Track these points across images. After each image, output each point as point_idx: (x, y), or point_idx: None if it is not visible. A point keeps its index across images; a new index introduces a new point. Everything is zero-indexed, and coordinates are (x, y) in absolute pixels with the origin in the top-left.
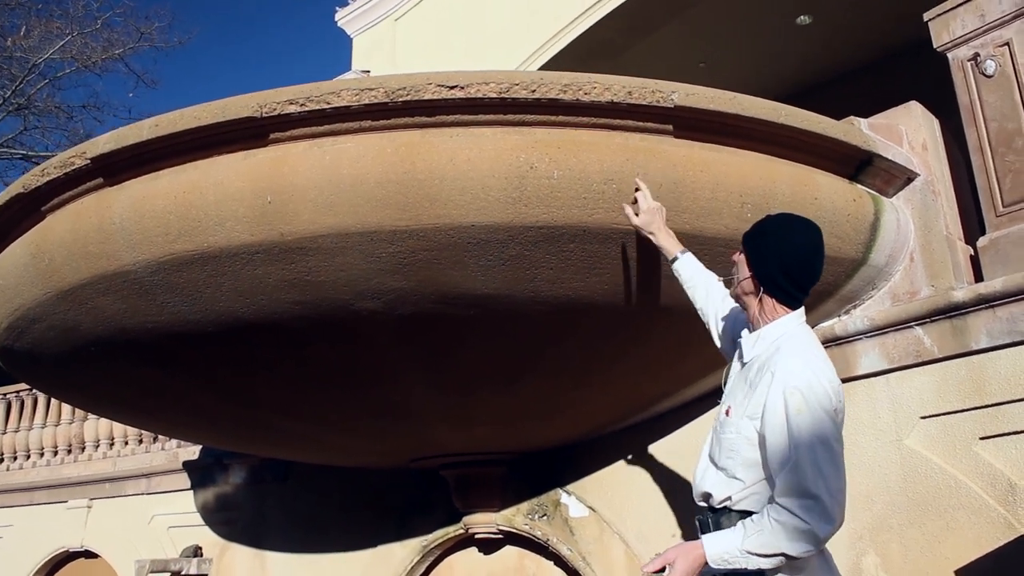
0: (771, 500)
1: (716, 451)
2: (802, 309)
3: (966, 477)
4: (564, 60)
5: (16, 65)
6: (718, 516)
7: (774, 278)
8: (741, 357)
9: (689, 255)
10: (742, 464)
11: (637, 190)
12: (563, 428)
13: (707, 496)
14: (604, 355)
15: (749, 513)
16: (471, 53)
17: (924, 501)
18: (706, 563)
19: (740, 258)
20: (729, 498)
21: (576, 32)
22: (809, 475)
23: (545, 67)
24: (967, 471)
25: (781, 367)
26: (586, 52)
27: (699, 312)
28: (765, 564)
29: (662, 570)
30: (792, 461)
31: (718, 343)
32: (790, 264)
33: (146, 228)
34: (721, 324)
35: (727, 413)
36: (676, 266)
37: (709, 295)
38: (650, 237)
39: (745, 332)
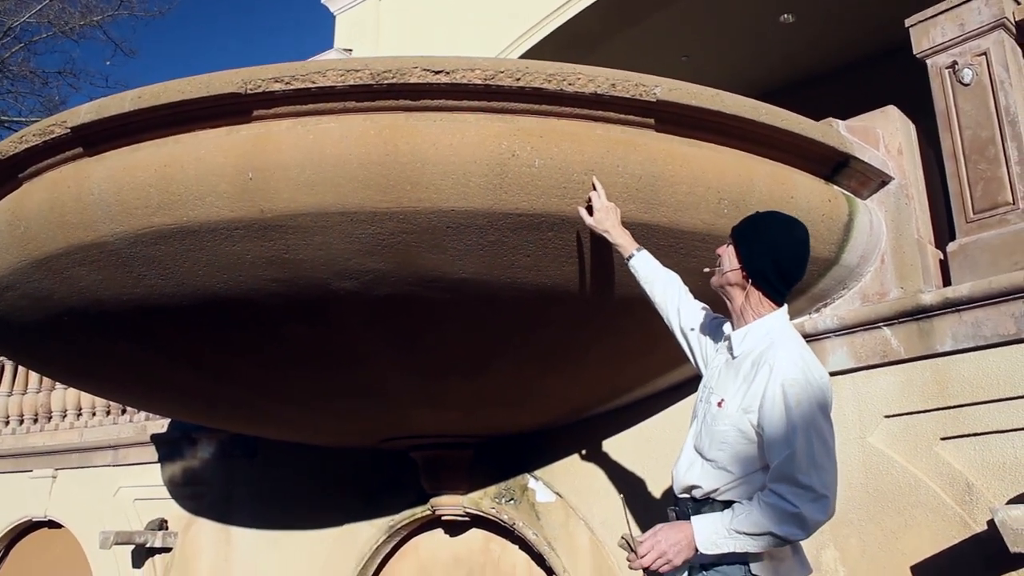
0: (763, 487)
1: (705, 443)
2: (786, 306)
3: (926, 476)
4: (547, 48)
5: None
6: (699, 507)
7: (764, 272)
8: (730, 350)
9: (645, 252)
10: (732, 456)
11: (593, 189)
12: (533, 414)
13: (691, 488)
14: (577, 343)
15: (732, 503)
16: (453, 36)
17: (884, 498)
18: (696, 548)
19: (727, 250)
20: (716, 489)
21: (560, 20)
22: (803, 464)
23: (527, 54)
24: (927, 470)
25: (780, 360)
26: (569, 41)
27: (657, 307)
28: (752, 545)
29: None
30: (789, 450)
31: (679, 337)
32: (782, 260)
33: (125, 200)
34: (682, 318)
35: (719, 405)
36: (632, 263)
37: (667, 291)
38: (604, 235)
39: (728, 327)
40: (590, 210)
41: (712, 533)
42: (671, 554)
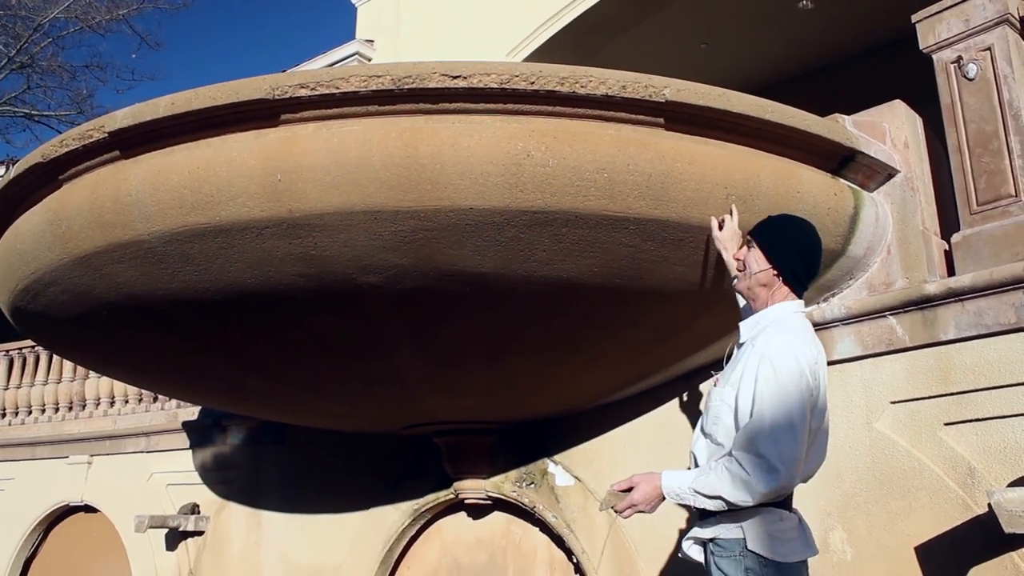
0: (729, 452)
1: (705, 419)
2: (801, 300)
3: (930, 460)
4: (567, 36)
5: (21, 24)
6: None
7: (794, 270)
8: (738, 339)
9: None
10: (724, 430)
11: (730, 213)
12: (551, 401)
13: (695, 459)
14: (592, 334)
15: None
16: (474, 25)
17: (890, 481)
18: (663, 495)
19: (752, 254)
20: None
21: (581, 8)
22: (762, 436)
23: (549, 42)
24: (931, 454)
25: (761, 342)
26: (589, 28)
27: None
28: (707, 504)
29: (628, 490)
30: (752, 421)
31: None
32: (808, 258)
33: (160, 201)
34: None
35: (715, 384)
36: (736, 284)
37: None
38: (721, 252)
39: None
40: (721, 225)
41: (677, 487)
42: (642, 505)
